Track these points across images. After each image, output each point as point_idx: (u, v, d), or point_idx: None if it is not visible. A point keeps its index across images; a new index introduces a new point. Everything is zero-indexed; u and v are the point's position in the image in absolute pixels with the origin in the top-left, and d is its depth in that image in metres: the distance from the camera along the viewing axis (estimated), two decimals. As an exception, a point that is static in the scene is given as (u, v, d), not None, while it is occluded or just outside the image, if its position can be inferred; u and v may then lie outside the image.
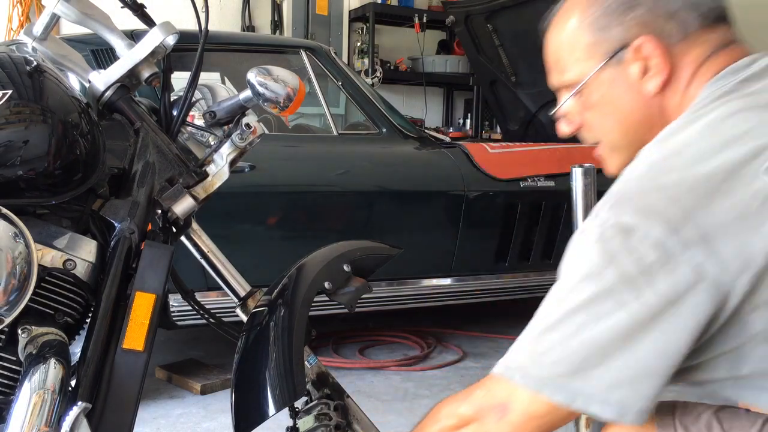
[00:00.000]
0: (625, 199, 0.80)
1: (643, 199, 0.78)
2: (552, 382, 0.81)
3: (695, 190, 0.76)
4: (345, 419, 1.40)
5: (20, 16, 4.50)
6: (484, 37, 4.74)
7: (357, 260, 1.43)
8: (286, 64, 3.10)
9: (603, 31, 0.92)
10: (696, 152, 0.80)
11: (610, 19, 0.91)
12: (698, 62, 0.90)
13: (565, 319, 0.80)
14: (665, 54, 0.90)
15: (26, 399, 0.96)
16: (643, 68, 0.91)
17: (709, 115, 0.83)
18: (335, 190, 3.04)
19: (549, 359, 0.81)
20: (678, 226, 0.75)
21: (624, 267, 0.76)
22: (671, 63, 0.90)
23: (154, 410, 2.63)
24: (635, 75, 0.91)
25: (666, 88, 0.91)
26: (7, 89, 1.04)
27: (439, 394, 2.82)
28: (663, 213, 0.76)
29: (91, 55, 2.58)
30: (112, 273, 1.08)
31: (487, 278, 3.37)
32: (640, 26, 0.90)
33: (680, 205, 0.76)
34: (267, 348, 1.27)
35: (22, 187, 1.05)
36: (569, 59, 0.96)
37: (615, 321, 0.77)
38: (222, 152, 1.27)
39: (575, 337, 0.79)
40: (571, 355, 0.79)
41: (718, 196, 0.76)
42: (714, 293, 0.75)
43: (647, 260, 0.75)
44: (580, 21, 0.94)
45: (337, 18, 5.73)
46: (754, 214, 0.75)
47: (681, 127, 0.84)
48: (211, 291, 2.54)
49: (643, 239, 0.76)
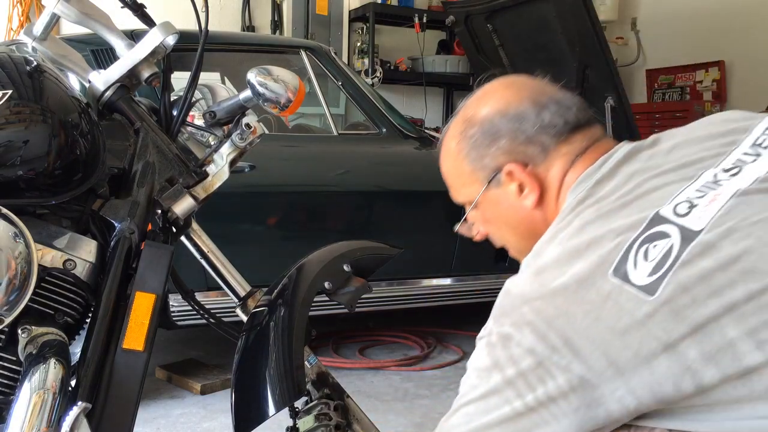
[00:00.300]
0: (504, 314, 0.91)
1: (517, 313, 0.89)
2: None
3: (554, 301, 0.86)
4: (345, 419, 1.40)
5: (20, 16, 4.50)
6: (484, 37, 4.74)
7: (357, 260, 1.43)
8: (286, 64, 3.10)
9: (477, 161, 1.06)
10: (554, 267, 0.90)
11: (479, 151, 1.05)
12: (562, 173, 1.02)
13: (462, 408, 0.93)
14: (531, 174, 1.03)
15: (26, 399, 0.96)
16: (519, 188, 1.04)
17: (566, 230, 0.93)
18: (335, 190, 3.04)
19: None
20: (544, 333, 0.85)
21: (506, 372, 0.88)
22: (539, 180, 1.03)
23: (154, 410, 2.63)
24: (514, 194, 1.05)
25: (542, 201, 1.04)
26: (7, 89, 1.04)
27: (439, 394, 2.82)
28: (531, 323, 0.87)
29: (91, 55, 2.57)
30: (112, 273, 1.08)
31: (487, 278, 3.37)
32: (506, 154, 1.03)
33: (544, 315, 0.86)
34: (267, 348, 1.27)
35: (22, 187, 1.05)
36: (458, 184, 1.12)
37: (498, 414, 0.89)
38: (222, 152, 1.27)
39: (467, 425, 0.92)
40: None
41: (573, 304, 0.85)
42: (584, 390, 0.84)
43: (523, 365, 0.87)
44: (457, 153, 1.08)
45: (337, 18, 5.73)
46: (608, 314, 0.83)
47: (547, 241, 0.95)
48: (211, 291, 2.54)
49: (518, 347, 0.87)
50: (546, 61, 4.50)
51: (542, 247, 0.95)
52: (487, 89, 1.10)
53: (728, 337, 0.79)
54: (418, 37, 5.63)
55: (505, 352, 0.88)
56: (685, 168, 0.94)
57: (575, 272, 0.87)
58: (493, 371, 0.90)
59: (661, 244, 0.84)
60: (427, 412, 2.62)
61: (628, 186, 0.94)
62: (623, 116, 4.20)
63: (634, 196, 0.92)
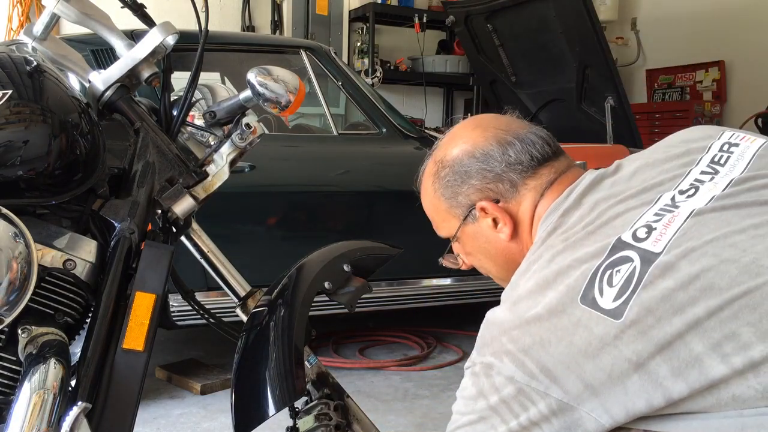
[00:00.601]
0: (485, 345, 0.95)
1: (496, 343, 0.93)
2: None
3: (529, 330, 0.90)
4: (345, 419, 1.40)
5: (20, 16, 4.50)
6: (484, 37, 4.74)
7: (357, 260, 1.43)
8: (286, 64, 3.10)
9: (452, 199, 1.13)
10: (527, 299, 0.93)
11: (453, 190, 1.12)
12: (532, 206, 1.08)
13: None
14: (502, 209, 1.09)
15: (26, 399, 0.96)
16: (494, 222, 1.10)
17: (538, 262, 0.97)
18: (335, 190, 3.04)
19: None
20: (522, 361, 0.89)
21: (490, 399, 0.92)
22: (510, 214, 1.09)
23: (154, 410, 2.63)
24: (489, 228, 1.11)
25: (516, 234, 1.10)
26: (7, 89, 1.04)
27: (439, 394, 2.82)
28: (509, 352, 0.91)
29: (91, 55, 2.57)
30: (112, 273, 1.08)
31: (486, 278, 3.36)
32: (478, 192, 1.09)
33: (520, 344, 0.90)
34: (267, 348, 1.26)
35: (22, 187, 1.05)
36: (438, 220, 1.18)
37: None
38: (222, 152, 1.27)
39: None
40: None
41: (547, 331, 0.89)
42: (563, 413, 0.88)
43: (504, 393, 0.91)
44: (434, 192, 1.16)
45: (337, 18, 5.74)
46: (580, 340, 0.87)
47: (521, 274, 0.99)
48: (211, 291, 2.54)
49: (499, 375, 0.91)
50: (546, 61, 4.51)
51: (517, 279, 0.99)
52: (456, 131, 1.16)
53: (694, 352, 0.82)
54: (418, 37, 5.64)
55: (488, 381, 0.93)
56: (645, 193, 0.98)
57: (547, 302, 0.90)
58: (478, 399, 0.94)
59: (624, 269, 0.88)
60: (427, 412, 2.62)
61: (593, 215, 0.98)
62: (623, 116, 4.20)
63: (598, 225, 0.96)
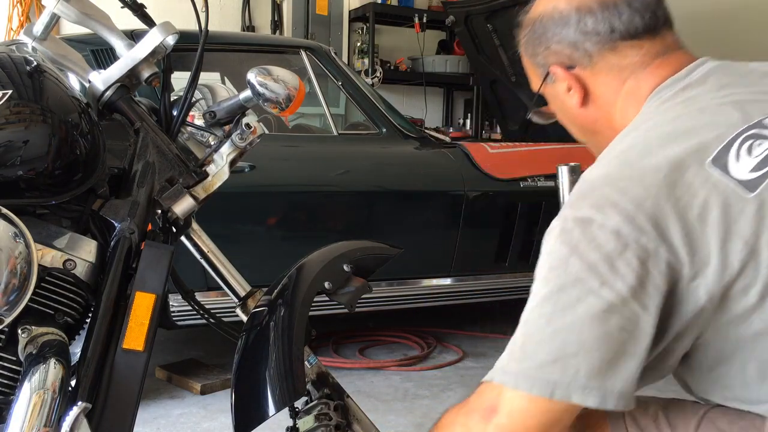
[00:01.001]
0: (582, 197, 0.86)
1: (597, 194, 0.84)
2: (528, 376, 0.83)
3: (643, 181, 0.82)
4: (345, 419, 1.40)
5: (20, 16, 4.50)
6: (484, 37, 4.74)
7: (357, 260, 1.43)
8: (286, 64, 3.10)
9: (533, 58, 1.08)
10: (642, 149, 0.86)
11: (533, 49, 1.07)
12: (616, 80, 1.00)
13: (536, 311, 0.84)
14: (573, 77, 1.03)
15: (26, 399, 0.96)
16: (567, 87, 1.05)
17: (653, 120, 0.91)
18: (335, 190, 3.04)
19: (524, 353, 0.84)
20: (631, 214, 0.80)
21: (586, 256, 0.81)
22: (583, 83, 1.03)
23: (154, 410, 2.63)
24: (564, 92, 1.05)
25: (590, 103, 1.04)
26: (7, 89, 1.04)
27: (439, 394, 2.82)
28: (616, 204, 0.81)
29: (91, 55, 2.57)
30: (112, 273, 1.08)
31: (487, 278, 3.37)
32: (552, 55, 1.05)
33: (631, 195, 0.81)
34: (267, 348, 1.26)
35: (22, 187, 1.05)
36: (528, 73, 1.13)
37: (584, 308, 0.80)
38: (222, 152, 1.27)
39: (547, 328, 0.82)
40: (544, 346, 0.82)
41: (664, 186, 0.81)
42: (668, 276, 0.80)
43: (607, 248, 0.80)
44: (524, 48, 1.11)
45: (337, 18, 5.73)
46: (700, 203, 0.80)
47: (628, 132, 0.93)
48: (211, 291, 2.54)
49: (601, 229, 0.81)
50: (546, 61, 4.50)
51: (623, 136, 0.92)
52: None
53: None
54: (418, 37, 5.63)
55: (585, 236, 0.81)
56: None
57: (668, 155, 0.83)
58: (570, 259, 0.81)
59: (766, 144, 0.82)
60: (427, 412, 2.62)
61: (722, 92, 0.91)
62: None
63: (730, 101, 0.89)
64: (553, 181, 3.35)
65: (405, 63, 5.89)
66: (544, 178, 3.35)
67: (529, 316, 0.85)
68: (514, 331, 0.87)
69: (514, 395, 0.84)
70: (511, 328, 0.85)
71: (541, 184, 3.33)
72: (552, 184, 3.34)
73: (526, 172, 3.33)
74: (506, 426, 0.85)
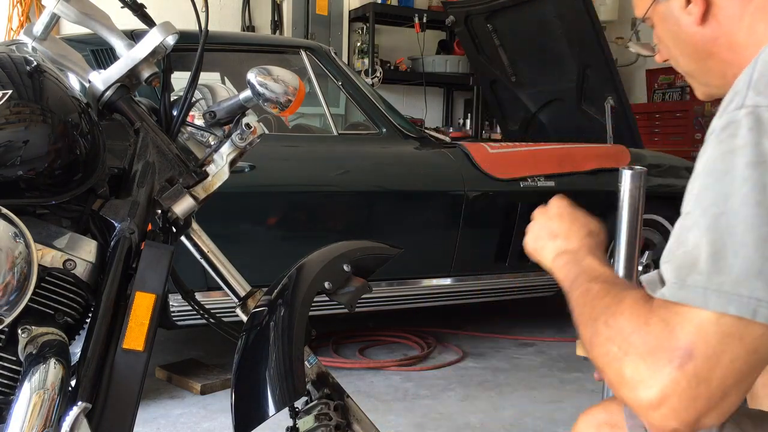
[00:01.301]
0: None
1: None
2: (723, 292, 0.67)
3: None
4: (345, 419, 1.40)
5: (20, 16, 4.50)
6: (484, 37, 4.74)
7: (357, 260, 1.43)
8: (286, 64, 3.10)
9: None
10: None
11: None
12: None
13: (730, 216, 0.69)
14: None
15: (26, 399, 0.96)
16: (686, 1, 0.94)
17: None
18: (335, 190, 3.04)
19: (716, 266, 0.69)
20: None
21: None
22: None
23: (154, 410, 2.63)
24: (680, 8, 0.95)
25: (713, 17, 0.93)
26: (7, 89, 1.04)
27: (439, 394, 2.82)
28: None
29: (91, 55, 2.58)
30: (112, 273, 1.08)
31: (487, 278, 3.37)
32: None
33: None
34: (267, 348, 1.26)
35: (22, 187, 1.05)
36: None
37: None
38: (222, 152, 1.27)
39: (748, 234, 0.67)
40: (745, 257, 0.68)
41: None
42: None
43: None
44: None
45: (337, 18, 5.74)
46: None
47: None
48: (211, 291, 2.54)
49: None
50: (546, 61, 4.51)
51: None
52: None
53: None
54: (418, 37, 5.64)
55: None
56: None
57: None
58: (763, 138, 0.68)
59: None
60: (427, 412, 2.62)
61: None
62: (623, 116, 4.20)
63: None
64: (553, 181, 3.36)
65: (405, 63, 5.89)
66: (544, 178, 3.35)
67: (717, 222, 0.69)
68: (513, 331, 0.81)
69: (702, 316, 0.68)
70: (510, 329, 0.81)
71: (541, 184, 3.33)
72: (552, 184, 3.34)
73: (526, 172, 3.33)
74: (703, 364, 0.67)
